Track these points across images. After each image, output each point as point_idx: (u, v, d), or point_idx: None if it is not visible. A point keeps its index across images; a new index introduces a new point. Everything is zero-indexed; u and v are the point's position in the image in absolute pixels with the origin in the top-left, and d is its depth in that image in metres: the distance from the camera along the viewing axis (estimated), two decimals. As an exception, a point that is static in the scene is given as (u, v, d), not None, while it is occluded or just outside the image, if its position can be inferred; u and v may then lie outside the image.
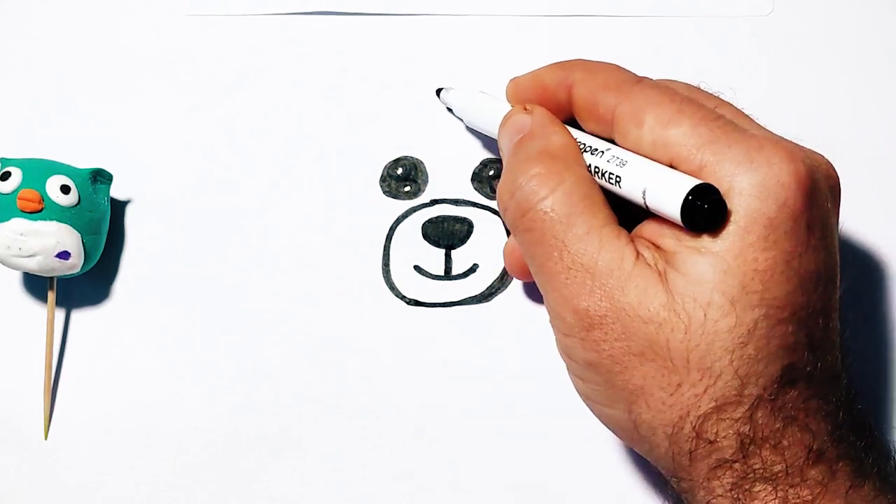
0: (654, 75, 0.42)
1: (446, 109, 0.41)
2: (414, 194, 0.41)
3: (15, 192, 0.37)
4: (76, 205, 0.38)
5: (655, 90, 0.32)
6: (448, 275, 0.41)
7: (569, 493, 0.39)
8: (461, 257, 0.41)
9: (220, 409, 0.40)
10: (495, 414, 0.40)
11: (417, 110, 0.42)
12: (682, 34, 0.43)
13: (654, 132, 0.31)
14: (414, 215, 0.41)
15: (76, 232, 0.38)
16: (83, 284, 0.41)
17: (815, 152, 0.32)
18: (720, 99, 0.34)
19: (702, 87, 0.35)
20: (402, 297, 0.41)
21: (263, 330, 0.41)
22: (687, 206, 0.29)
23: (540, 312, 0.40)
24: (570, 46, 0.43)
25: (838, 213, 0.32)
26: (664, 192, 0.30)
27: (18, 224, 0.37)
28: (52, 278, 0.39)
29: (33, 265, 0.38)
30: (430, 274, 0.41)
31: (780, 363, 0.29)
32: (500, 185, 0.33)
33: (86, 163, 0.40)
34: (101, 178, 0.40)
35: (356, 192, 0.42)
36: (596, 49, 0.43)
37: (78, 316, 0.41)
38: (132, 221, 0.42)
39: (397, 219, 0.41)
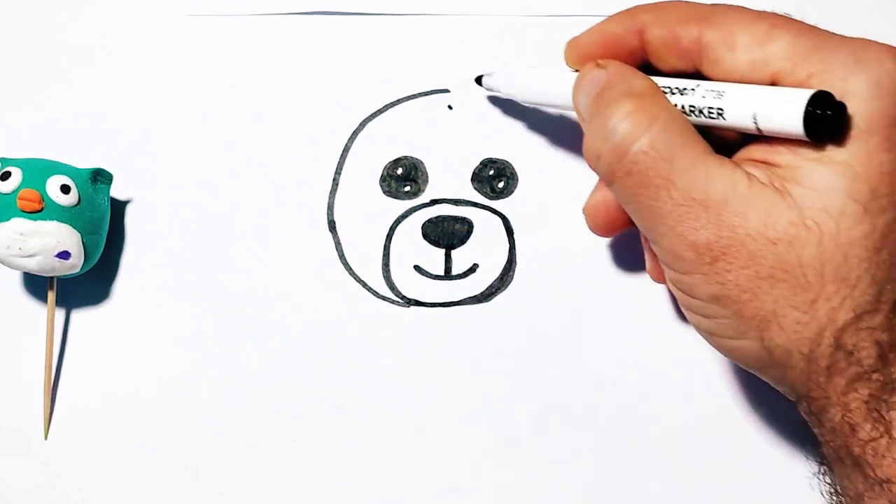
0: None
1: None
2: (414, 194, 0.41)
3: (15, 191, 0.37)
4: (76, 205, 0.38)
5: (738, 11, 0.31)
6: (448, 275, 0.41)
7: (569, 493, 0.39)
8: (461, 257, 0.41)
9: (220, 410, 0.40)
10: (495, 414, 0.40)
11: (418, 110, 0.42)
12: (681, 34, 0.43)
13: (750, 52, 0.30)
14: (414, 215, 0.41)
15: (76, 232, 0.38)
16: (83, 284, 0.41)
17: None
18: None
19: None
20: (402, 297, 0.41)
21: (263, 330, 0.41)
22: (809, 118, 0.28)
23: (540, 312, 0.40)
24: (570, 46, 0.43)
25: None
26: (778, 110, 0.28)
27: (18, 224, 0.37)
28: (52, 278, 0.39)
29: (33, 265, 0.38)
30: (430, 274, 0.41)
31: None
32: (588, 137, 0.32)
33: (86, 163, 0.40)
34: (101, 178, 0.40)
35: (356, 192, 0.42)
36: (596, 49, 0.43)
37: (78, 316, 0.41)
38: (132, 221, 0.42)
39: (397, 219, 0.41)
